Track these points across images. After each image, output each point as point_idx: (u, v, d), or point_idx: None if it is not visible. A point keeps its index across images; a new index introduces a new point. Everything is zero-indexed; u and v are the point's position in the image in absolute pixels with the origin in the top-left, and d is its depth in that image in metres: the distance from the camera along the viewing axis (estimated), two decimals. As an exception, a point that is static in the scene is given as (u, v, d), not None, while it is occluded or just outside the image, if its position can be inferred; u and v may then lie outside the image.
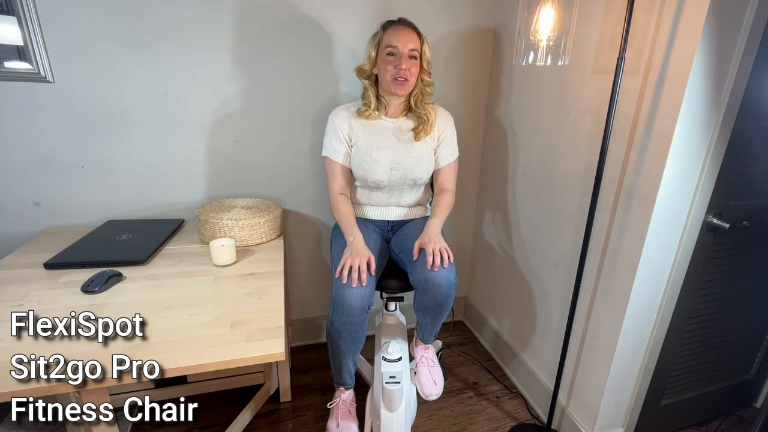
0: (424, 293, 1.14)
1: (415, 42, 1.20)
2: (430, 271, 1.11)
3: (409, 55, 1.19)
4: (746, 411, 1.61)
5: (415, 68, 1.22)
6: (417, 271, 1.15)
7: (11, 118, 1.28)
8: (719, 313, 1.33)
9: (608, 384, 1.25)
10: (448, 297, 1.14)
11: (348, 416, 1.27)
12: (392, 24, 1.22)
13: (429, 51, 1.24)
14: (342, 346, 1.17)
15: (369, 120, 1.29)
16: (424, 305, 1.18)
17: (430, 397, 1.29)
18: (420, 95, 1.29)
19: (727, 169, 1.09)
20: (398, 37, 1.18)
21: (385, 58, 1.20)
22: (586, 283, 1.28)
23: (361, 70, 1.27)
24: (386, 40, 1.20)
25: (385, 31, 1.21)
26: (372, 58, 1.24)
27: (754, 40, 0.95)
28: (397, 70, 1.19)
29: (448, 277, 1.11)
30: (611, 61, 1.07)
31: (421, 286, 1.14)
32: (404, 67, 1.19)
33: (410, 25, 1.22)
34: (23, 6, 1.18)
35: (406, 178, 1.30)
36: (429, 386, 1.29)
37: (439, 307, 1.16)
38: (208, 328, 0.87)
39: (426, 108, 1.29)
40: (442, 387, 1.32)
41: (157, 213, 1.50)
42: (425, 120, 1.29)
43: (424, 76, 1.25)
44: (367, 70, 1.25)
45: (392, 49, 1.19)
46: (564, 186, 1.36)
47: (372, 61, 1.24)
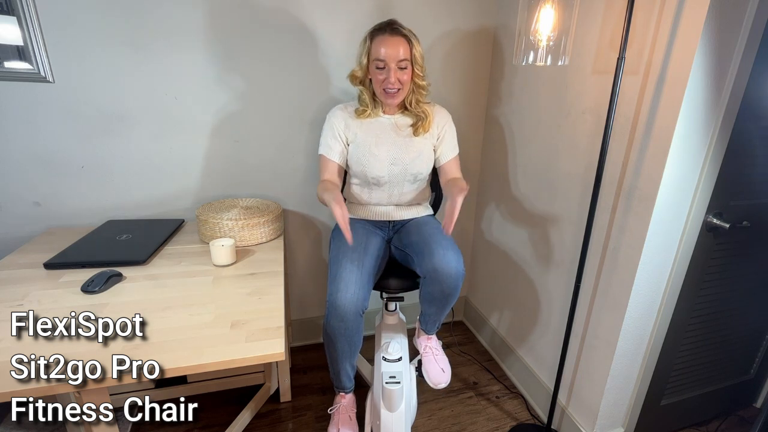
0: (432, 283, 1.15)
1: (405, 50, 1.16)
2: (439, 261, 1.12)
3: (399, 66, 1.17)
4: (746, 411, 1.61)
5: (406, 76, 1.20)
6: (426, 261, 1.15)
7: (11, 118, 1.28)
8: (719, 313, 1.33)
9: (608, 384, 1.25)
10: (455, 288, 1.15)
11: (348, 422, 1.27)
12: (379, 33, 1.17)
13: (420, 51, 1.20)
14: (338, 349, 1.17)
15: (367, 118, 1.29)
16: (431, 295, 1.18)
17: (439, 385, 1.29)
18: (414, 96, 1.27)
19: (727, 169, 1.09)
20: (386, 50, 1.15)
21: (375, 70, 1.19)
22: (586, 282, 1.28)
23: (354, 76, 1.25)
24: (374, 52, 1.17)
25: (372, 42, 1.18)
26: (363, 66, 1.21)
27: (754, 40, 0.95)
28: (387, 83, 1.18)
29: (456, 267, 1.12)
30: (611, 61, 1.07)
31: (429, 276, 1.14)
32: (393, 80, 1.17)
33: (398, 31, 1.17)
34: (23, 6, 1.18)
35: (406, 173, 1.30)
36: (437, 374, 1.29)
37: (446, 298, 1.17)
38: (208, 328, 0.87)
39: (422, 107, 1.29)
40: (450, 374, 1.32)
41: (157, 213, 1.50)
42: (423, 117, 1.28)
43: (416, 79, 1.23)
44: (360, 76, 1.24)
45: (380, 62, 1.16)
46: (564, 186, 1.36)
47: (364, 69, 1.22)
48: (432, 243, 1.18)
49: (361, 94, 1.28)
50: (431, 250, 1.15)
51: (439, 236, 1.20)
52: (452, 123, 1.36)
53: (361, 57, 1.22)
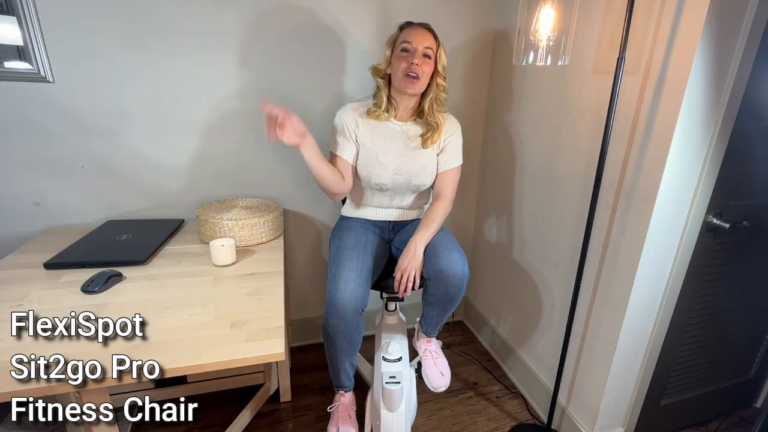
0: (437, 285, 1.15)
1: (431, 42, 1.19)
2: (445, 262, 1.12)
3: (424, 53, 1.17)
4: (746, 411, 1.61)
5: (429, 67, 1.19)
6: (431, 262, 1.15)
7: (11, 118, 1.28)
8: (719, 313, 1.33)
9: (608, 384, 1.25)
10: (459, 290, 1.15)
11: (348, 420, 1.27)
12: (410, 24, 1.21)
13: (445, 56, 1.23)
14: (337, 348, 1.17)
15: (377, 121, 1.27)
16: (435, 297, 1.18)
17: (439, 389, 1.29)
18: (434, 100, 1.26)
19: (727, 169, 1.09)
20: (414, 35, 1.17)
21: (399, 54, 1.18)
22: (586, 282, 1.28)
23: (376, 69, 1.25)
24: (402, 37, 1.19)
25: (401, 31, 1.21)
26: (387, 57, 1.23)
27: (754, 40, 0.95)
28: (409, 65, 1.16)
29: (462, 269, 1.13)
30: (611, 61, 1.07)
31: (435, 278, 1.14)
32: (417, 62, 1.16)
33: (428, 26, 1.21)
34: (23, 6, 1.18)
35: (410, 184, 1.30)
36: (436, 378, 1.29)
37: (450, 300, 1.18)
38: (208, 328, 0.87)
39: (437, 116, 1.27)
40: (449, 377, 1.32)
41: (157, 213, 1.50)
42: (434, 127, 1.26)
43: (438, 79, 1.23)
44: (382, 69, 1.24)
45: (407, 45, 1.17)
46: (564, 186, 1.36)
47: (387, 60, 1.23)
48: (437, 245, 1.18)
49: (378, 90, 1.27)
50: (436, 251, 1.16)
51: (443, 238, 1.21)
52: (460, 134, 1.34)
53: (386, 50, 1.23)
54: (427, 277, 1.18)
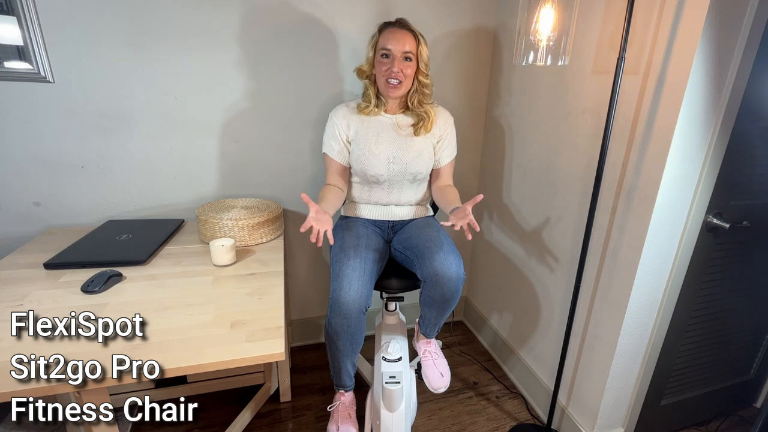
0: (433, 287, 1.15)
1: (411, 44, 1.19)
2: (440, 265, 1.12)
3: (403, 57, 1.19)
4: (746, 411, 1.61)
5: (410, 69, 1.21)
6: (426, 265, 1.15)
7: (11, 118, 1.28)
8: (719, 313, 1.33)
9: (608, 384, 1.25)
10: (455, 292, 1.15)
11: (348, 419, 1.27)
12: (388, 26, 1.21)
13: (427, 51, 1.23)
14: (340, 347, 1.17)
15: (368, 116, 1.30)
16: (431, 299, 1.18)
17: (438, 390, 1.29)
18: (417, 96, 1.28)
19: (727, 169, 1.09)
20: (392, 40, 1.18)
21: (380, 60, 1.21)
22: (586, 282, 1.28)
23: (360, 71, 1.28)
24: (381, 42, 1.20)
25: (380, 34, 1.21)
26: (370, 59, 1.24)
27: (754, 40, 0.95)
28: (389, 72, 1.19)
29: (457, 271, 1.13)
30: (611, 61, 1.07)
31: (430, 280, 1.15)
32: (396, 69, 1.19)
33: (406, 26, 1.21)
34: (23, 6, 1.18)
35: (405, 173, 1.31)
36: (436, 379, 1.29)
37: (446, 302, 1.17)
38: (208, 328, 0.87)
39: (424, 107, 1.29)
40: (449, 378, 1.32)
41: (157, 213, 1.50)
42: (425, 117, 1.29)
43: (420, 77, 1.25)
44: (366, 70, 1.27)
45: (386, 51, 1.19)
46: (564, 186, 1.36)
47: (370, 62, 1.25)
48: (433, 246, 1.18)
49: (366, 89, 1.30)
50: (432, 253, 1.16)
51: (439, 240, 1.21)
52: (453, 126, 1.37)
53: (368, 51, 1.24)
54: (422, 279, 1.19)
